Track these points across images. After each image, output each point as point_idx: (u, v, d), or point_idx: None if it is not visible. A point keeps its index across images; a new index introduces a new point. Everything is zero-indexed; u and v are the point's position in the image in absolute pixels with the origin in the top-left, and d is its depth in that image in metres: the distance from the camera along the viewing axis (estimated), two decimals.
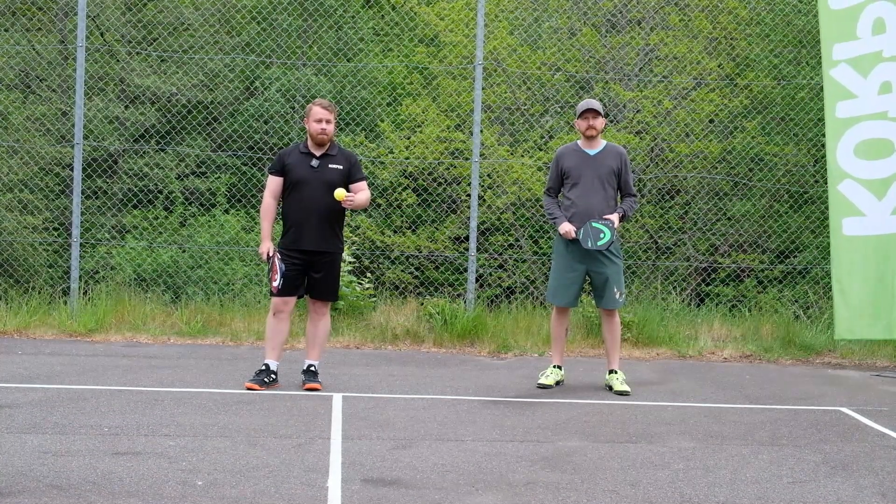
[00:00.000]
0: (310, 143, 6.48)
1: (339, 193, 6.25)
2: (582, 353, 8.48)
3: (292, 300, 6.51)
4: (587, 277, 6.88)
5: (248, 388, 6.39)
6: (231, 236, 10.46)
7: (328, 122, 6.39)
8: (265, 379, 6.47)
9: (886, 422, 6.24)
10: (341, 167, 6.46)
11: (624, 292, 6.87)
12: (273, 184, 6.52)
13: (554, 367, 7.03)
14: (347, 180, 6.45)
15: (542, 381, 6.96)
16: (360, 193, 6.47)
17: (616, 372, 6.94)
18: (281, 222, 6.66)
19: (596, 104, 6.78)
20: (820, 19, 8.01)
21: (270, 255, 6.41)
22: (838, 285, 7.89)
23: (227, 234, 10.47)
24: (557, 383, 7.00)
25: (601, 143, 6.89)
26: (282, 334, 6.53)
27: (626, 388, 6.84)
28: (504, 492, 4.50)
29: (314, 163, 6.42)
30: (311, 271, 6.46)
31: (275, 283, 6.38)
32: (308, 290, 6.54)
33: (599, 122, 6.79)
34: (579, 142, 6.92)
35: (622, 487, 4.64)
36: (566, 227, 6.74)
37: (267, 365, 6.52)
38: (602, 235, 6.61)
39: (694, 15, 10.95)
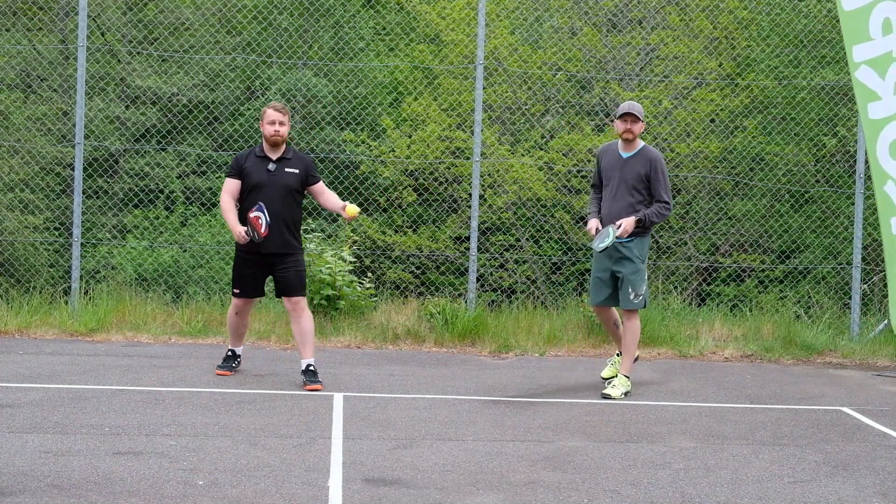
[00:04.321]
0: (265, 146, 6.57)
1: (352, 210, 6.43)
2: (583, 353, 8.48)
3: (252, 301, 6.86)
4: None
5: (219, 375, 6.79)
6: (232, 236, 10.46)
7: (282, 123, 6.50)
8: (233, 364, 6.95)
9: (887, 422, 6.24)
10: (297, 171, 6.57)
11: (641, 294, 6.70)
12: (231, 185, 6.61)
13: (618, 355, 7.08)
14: (304, 184, 6.60)
15: (603, 374, 7.12)
16: (331, 196, 6.64)
17: (617, 377, 6.82)
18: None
19: (635, 108, 6.66)
20: (840, 21, 7.93)
21: (247, 230, 6.41)
22: (892, 282, 7.80)
23: (227, 233, 10.47)
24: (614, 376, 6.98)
25: (637, 146, 6.76)
26: (244, 327, 7.01)
27: (610, 392, 6.67)
28: (505, 491, 4.50)
29: (271, 167, 6.53)
30: (274, 272, 6.60)
31: (262, 231, 6.33)
32: (277, 292, 6.69)
33: (638, 127, 6.66)
34: (620, 142, 6.83)
35: (623, 487, 4.64)
36: (589, 225, 6.81)
37: (233, 351, 6.99)
38: (605, 238, 6.57)
39: (694, 15, 10.96)
